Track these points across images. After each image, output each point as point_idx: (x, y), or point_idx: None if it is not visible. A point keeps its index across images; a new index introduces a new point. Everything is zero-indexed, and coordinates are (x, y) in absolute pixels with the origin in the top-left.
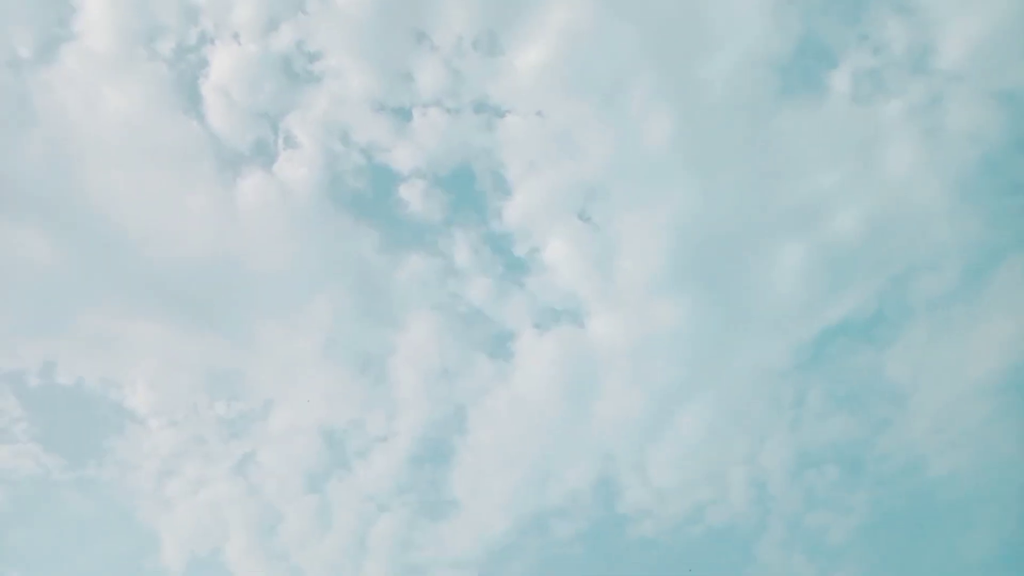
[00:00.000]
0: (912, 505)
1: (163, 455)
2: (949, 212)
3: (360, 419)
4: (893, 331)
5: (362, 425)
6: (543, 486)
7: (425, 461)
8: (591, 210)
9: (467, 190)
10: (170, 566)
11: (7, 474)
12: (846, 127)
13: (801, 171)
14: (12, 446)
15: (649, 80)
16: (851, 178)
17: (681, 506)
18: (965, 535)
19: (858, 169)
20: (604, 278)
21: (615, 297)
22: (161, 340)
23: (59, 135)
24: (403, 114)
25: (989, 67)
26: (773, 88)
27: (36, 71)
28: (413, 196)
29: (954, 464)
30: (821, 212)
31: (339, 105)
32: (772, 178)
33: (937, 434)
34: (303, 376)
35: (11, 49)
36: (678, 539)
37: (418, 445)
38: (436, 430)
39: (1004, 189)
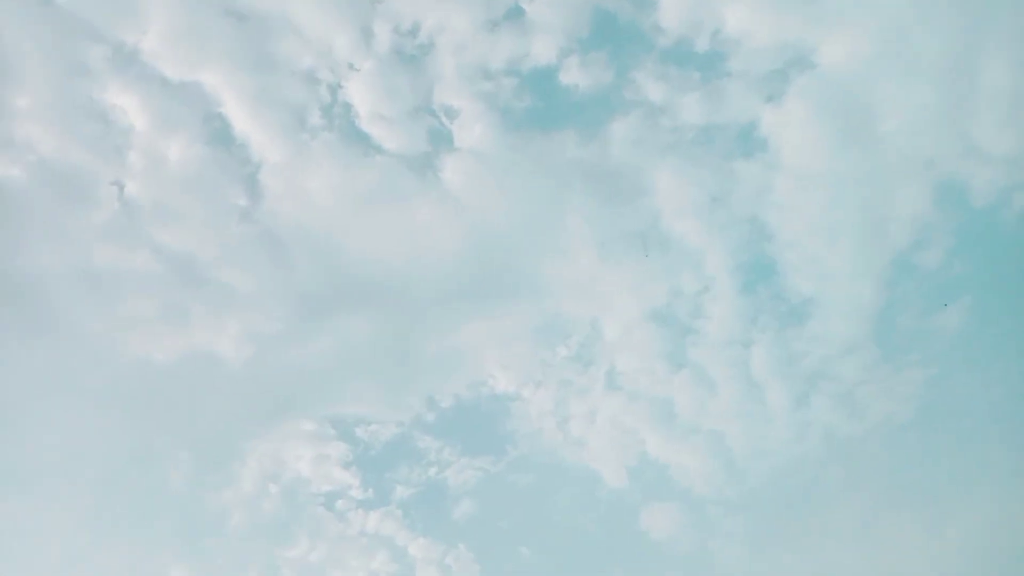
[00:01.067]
0: None
1: (550, 410)
2: None
3: (674, 287)
4: None
5: (679, 291)
6: (884, 233)
7: (755, 284)
8: None
9: (615, 31)
10: (617, 484)
11: (465, 485)
12: None
13: None
14: (452, 467)
15: None
16: None
17: None
18: None
19: None
20: (806, 2)
21: (830, 11)
22: (488, 330)
23: (308, 241)
24: (514, 13)
25: None
26: None
27: (259, 209)
28: (575, 75)
29: None
30: None
31: (461, 51)
32: None
33: None
34: (600, 283)
35: (233, 207)
36: None
37: (738, 275)
38: (744, 254)
39: None
